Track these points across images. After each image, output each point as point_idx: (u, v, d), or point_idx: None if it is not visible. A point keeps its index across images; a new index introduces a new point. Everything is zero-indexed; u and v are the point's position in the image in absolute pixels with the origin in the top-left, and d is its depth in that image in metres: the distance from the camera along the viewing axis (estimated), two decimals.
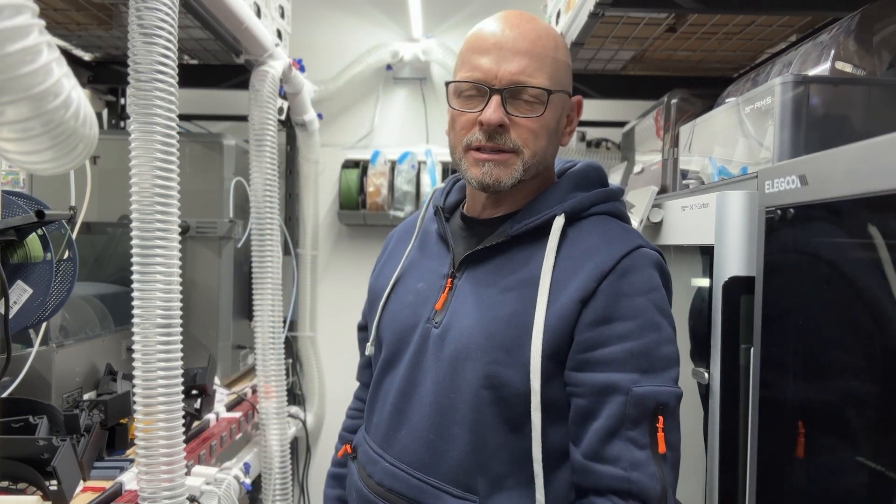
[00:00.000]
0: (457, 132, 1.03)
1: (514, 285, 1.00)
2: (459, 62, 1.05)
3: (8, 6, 0.57)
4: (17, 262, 1.43)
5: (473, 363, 0.97)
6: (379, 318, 1.13)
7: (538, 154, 1.01)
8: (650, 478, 0.88)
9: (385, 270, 1.18)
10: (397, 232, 1.25)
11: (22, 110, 0.60)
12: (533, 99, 0.99)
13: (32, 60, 0.59)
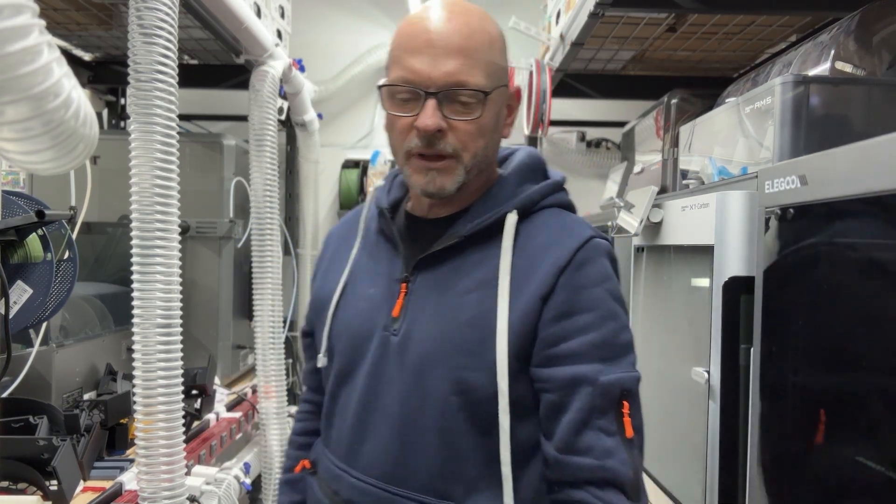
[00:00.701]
0: (395, 136, 0.99)
1: (473, 287, 0.98)
2: (390, 60, 0.99)
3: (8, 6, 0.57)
4: (18, 262, 1.43)
5: (440, 370, 0.96)
6: (329, 327, 1.07)
7: (479, 155, 0.98)
8: (622, 464, 0.89)
9: (330, 275, 1.11)
10: (336, 232, 1.18)
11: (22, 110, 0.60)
12: (470, 100, 0.95)
13: (33, 60, 0.59)
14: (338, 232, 1.18)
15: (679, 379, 1.26)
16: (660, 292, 1.41)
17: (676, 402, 1.30)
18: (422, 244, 1.02)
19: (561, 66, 2.37)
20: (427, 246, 1.01)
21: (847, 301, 0.86)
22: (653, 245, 1.41)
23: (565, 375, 0.92)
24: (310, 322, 1.18)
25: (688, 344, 1.24)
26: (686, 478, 1.23)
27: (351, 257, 1.09)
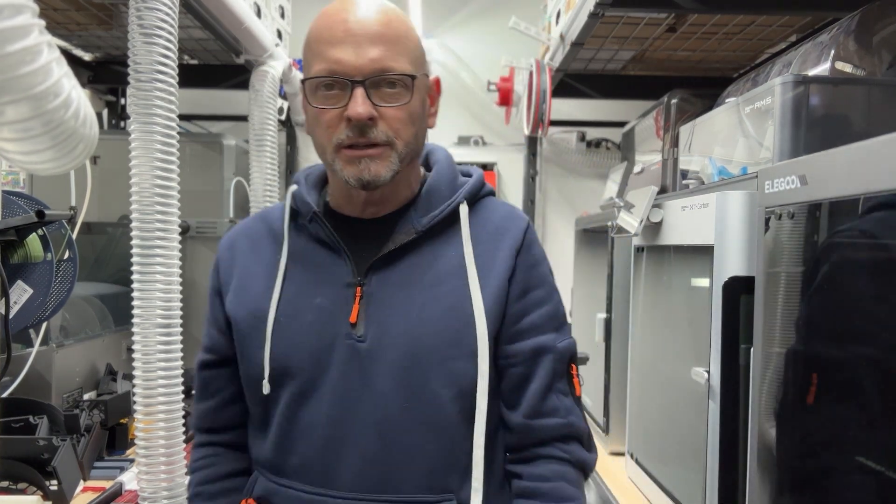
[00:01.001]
0: (323, 131, 0.96)
1: (441, 278, 1.00)
2: (310, 55, 0.97)
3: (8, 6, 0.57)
4: (18, 262, 1.43)
5: (430, 365, 0.96)
6: (270, 349, 0.99)
7: (411, 143, 0.98)
8: (579, 419, 1.01)
9: (250, 291, 1.02)
10: (238, 242, 1.08)
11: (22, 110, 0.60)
12: (397, 86, 0.95)
13: (32, 60, 0.59)
14: (240, 241, 1.07)
15: (679, 379, 1.26)
16: (660, 292, 1.41)
17: (676, 402, 1.30)
18: (368, 245, 1.00)
19: (561, 66, 2.37)
20: (376, 246, 1.00)
21: (847, 300, 0.86)
22: (653, 245, 1.41)
23: (529, 347, 1.01)
24: (217, 348, 1.07)
25: (688, 344, 1.24)
26: (686, 478, 1.23)
27: (281, 268, 1.02)
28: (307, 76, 0.97)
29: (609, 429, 1.72)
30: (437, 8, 3.05)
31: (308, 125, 1.01)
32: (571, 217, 2.69)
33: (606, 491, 1.48)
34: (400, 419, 0.96)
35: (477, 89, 3.04)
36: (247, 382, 1.03)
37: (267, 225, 1.06)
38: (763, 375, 1.00)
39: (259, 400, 1.01)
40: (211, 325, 1.07)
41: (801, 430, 0.93)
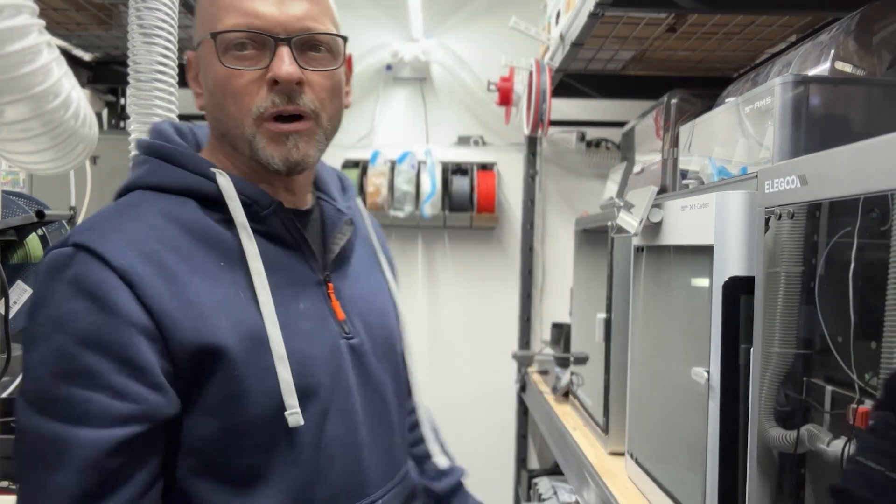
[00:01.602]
0: (236, 99, 0.82)
1: (369, 270, 1.05)
2: (211, 8, 0.83)
3: (8, 6, 0.57)
4: (17, 262, 1.43)
5: (394, 353, 1.05)
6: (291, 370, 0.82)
7: (334, 119, 0.88)
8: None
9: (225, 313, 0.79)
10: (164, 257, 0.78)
11: (22, 110, 0.60)
12: (323, 50, 0.84)
13: (32, 60, 0.59)
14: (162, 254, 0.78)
15: (679, 379, 1.26)
16: (660, 292, 1.41)
17: (676, 402, 1.30)
18: (316, 238, 0.93)
19: (561, 66, 2.37)
20: (319, 238, 0.94)
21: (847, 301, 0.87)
22: (652, 245, 1.41)
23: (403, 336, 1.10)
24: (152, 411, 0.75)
25: (688, 344, 1.24)
26: (686, 478, 1.23)
27: (259, 274, 0.82)
28: (214, 31, 0.81)
29: (609, 429, 1.72)
30: (437, 8, 3.05)
31: (209, 93, 0.85)
32: (571, 217, 2.69)
33: (606, 491, 1.48)
34: (395, 405, 1.01)
35: (477, 89, 3.04)
36: (243, 432, 0.80)
37: (185, 227, 0.81)
38: (763, 375, 1.00)
39: (257, 446, 0.80)
40: (128, 379, 0.73)
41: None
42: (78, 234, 0.77)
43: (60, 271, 0.75)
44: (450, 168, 2.99)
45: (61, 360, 0.73)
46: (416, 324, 3.16)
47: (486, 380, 3.14)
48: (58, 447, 0.71)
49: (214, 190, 0.83)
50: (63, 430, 0.72)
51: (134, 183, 0.85)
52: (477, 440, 3.15)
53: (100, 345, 0.73)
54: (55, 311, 0.74)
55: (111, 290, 0.74)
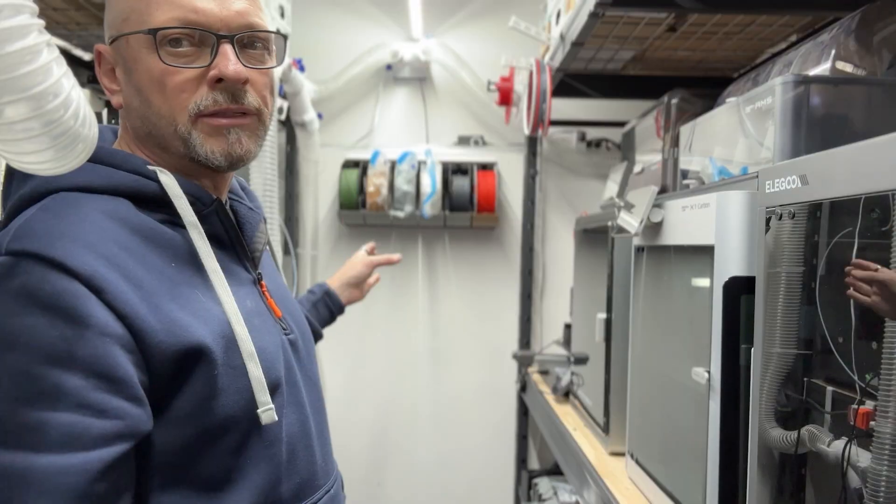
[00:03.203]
0: (170, 95, 0.78)
1: (273, 268, 1.06)
2: (144, 3, 0.78)
3: (7, 6, 0.57)
4: None
5: (313, 348, 1.04)
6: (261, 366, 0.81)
7: (271, 117, 0.87)
8: None
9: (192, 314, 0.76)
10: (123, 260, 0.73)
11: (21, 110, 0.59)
12: (262, 47, 0.83)
13: (32, 60, 0.59)
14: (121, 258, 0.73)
15: (679, 379, 1.26)
16: (660, 292, 1.41)
17: (676, 402, 1.30)
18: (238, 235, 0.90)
19: (561, 66, 2.37)
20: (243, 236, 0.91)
21: (846, 301, 0.86)
22: (653, 245, 1.41)
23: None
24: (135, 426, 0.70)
25: (688, 344, 1.24)
26: (686, 478, 1.23)
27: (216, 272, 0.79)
28: (149, 26, 0.77)
29: (609, 429, 1.72)
30: (437, 8, 3.05)
31: (135, 90, 0.80)
32: (571, 217, 2.69)
33: (606, 491, 1.48)
34: (323, 401, 1.01)
35: (477, 89, 3.04)
36: (216, 434, 0.77)
37: (131, 227, 0.76)
38: (763, 375, 1.00)
39: (228, 448, 0.78)
40: (109, 395, 0.67)
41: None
42: (17, 241, 0.68)
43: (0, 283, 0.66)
44: (450, 168, 2.99)
45: (23, 382, 0.63)
46: (416, 324, 3.16)
47: (486, 380, 3.14)
48: (34, 479, 0.62)
49: (155, 189, 0.79)
50: (40, 461, 0.63)
51: (52, 184, 0.75)
52: (477, 440, 3.14)
53: (71, 360, 0.65)
54: (3, 327, 0.64)
55: (76, 298, 0.67)
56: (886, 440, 0.74)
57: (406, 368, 3.14)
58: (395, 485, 3.13)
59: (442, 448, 3.14)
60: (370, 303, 3.14)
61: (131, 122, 0.83)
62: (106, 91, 0.83)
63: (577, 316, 2.27)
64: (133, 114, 0.82)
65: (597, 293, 1.85)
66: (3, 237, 0.69)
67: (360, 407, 3.07)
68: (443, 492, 3.14)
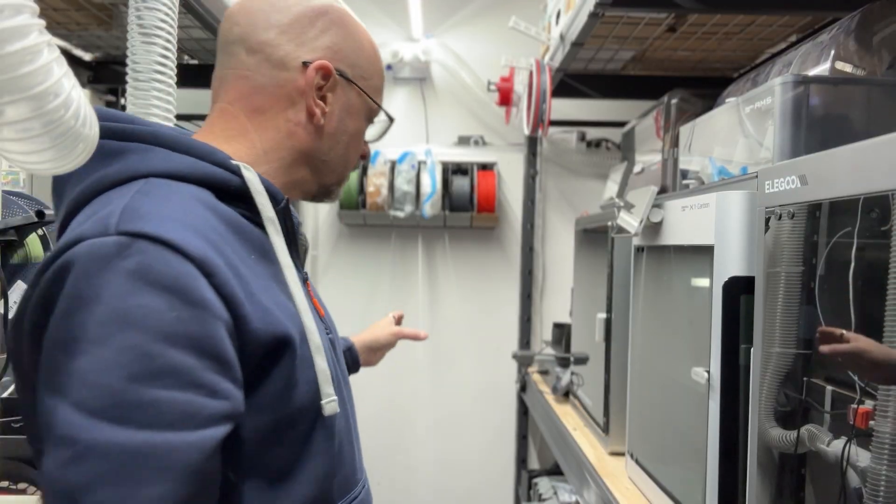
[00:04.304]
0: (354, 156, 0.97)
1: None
2: (376, 73, 0.96)
3: (8, 6, 0.57)
4: (17, 262, 1.43)
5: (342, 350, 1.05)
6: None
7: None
8: None
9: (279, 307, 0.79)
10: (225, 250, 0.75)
11: (22, 110, 0.60)
12: None
13: (32, 60, 0.59)
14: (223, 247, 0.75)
15: (679, 379, 1.26)
16: (660, 292, 1.41)
17: (676, 402, 1.30)
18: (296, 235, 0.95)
19: (561, 66, 2.37)
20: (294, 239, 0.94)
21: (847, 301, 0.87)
22: (653, 245, 1.41)
23: None
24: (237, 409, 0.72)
25: (688, 344, 1.24)
26: (686, 478, 1.23)
27: (289, 267, 0.83)
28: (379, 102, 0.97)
29: (609, 429, 1.72)
30: (437, 8, 3.05)
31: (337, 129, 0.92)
32: (571, 217, 2.69)
33: (606, 491, 1.48)
34: (353, 400, 1.02)
35: (477, 89, 3.04)
36: (288, 423, 0.79)
37: (219, 216, 0.78)
38: (763, 375, 1.00)
39: (296, 438, 0.81)
40: (219, 376, 0.70)
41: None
42: (127, 222, 0.68)
43: (111, 263, 0.66)
44: (450, 168, 2.99)
45: (140, 361, 0.65)
46: (416, 324, 3.16)
47: (486, 380, 3.14)
48: (151, 456, 0.64)
49: (238, 183, 0.81)
50: (156, 438, 0.64)
51: (141, 168, 0.76)
52: (477, 440, 3.15)
53: (187, 341, 0.67)
54: (119, 307, 0.65)
55: (193, 280, 0.68)
56: (886, 440, 0.74)
57: (406, 368, 3.15)
58: (395, 484, 3.14)
59: (442, 448, 3.14)
60: (370, 303, 3.15)
61: (305, 139, 0.89)
62: (312, 104, 0.88)
63: (577, 316, 2.27)
64: (314, 136, 0.90)
65: (597, 293, 1.85)
66: (108, 218, 0.69)
67: (360, 406, 3.06)
68: (443, 492, 3.15)
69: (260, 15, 0.88)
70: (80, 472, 0.63)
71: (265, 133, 0.88)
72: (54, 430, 0.64)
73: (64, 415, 0.64)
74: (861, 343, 0.82)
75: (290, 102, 0.88)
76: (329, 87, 0.89)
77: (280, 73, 0.87)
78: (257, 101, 0.87)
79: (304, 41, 0.88)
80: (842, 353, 0.86)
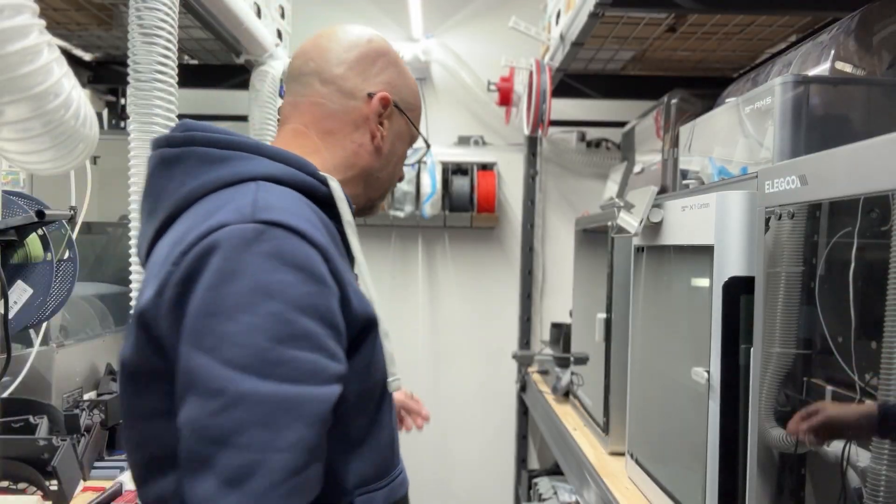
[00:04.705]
0: (398, 175, 1.11)
1: None
2: (418, 115, 1.12)
3: (8, 6, 0.57)
4: (18, 262, 1.43)
5: None
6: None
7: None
8: None
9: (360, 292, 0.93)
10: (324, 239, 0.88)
11: (22, 110, 0.60)
12: None
13: (32, 60, 0.59)
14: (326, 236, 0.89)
15: (679, 379, 1.26)
16: (660, 292, 1.41)
17: (676, 402, 1.30)
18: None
19: (561, 66, 2.37)
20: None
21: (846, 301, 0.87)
22: (653, 245, 1.41)
23: None
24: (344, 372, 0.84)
25: (688, 344, 1.24)
26: (686, 478, 1.23)
27: (363, 265, 0.98)
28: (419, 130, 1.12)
29: (609, 429, 1.72)
30: (437, 8, 3.05)
31: (390, 151, 1.07)
32: (571, 217, 2.69)
33: (606, 491, 1.48)
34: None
35: (477, 89, 3.04)
36: (368, 394, 0.91)
37: (318, 216, 0.91)
38: (763, 375, 1.00)
39: (369, 410, 0.92)
40: (336, 343, 0.83)
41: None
42: (262, 212, 0.82)
43: (252, 245, 0.79)
44: (450, 168, 2.99)
45: (280, 325, 0.77)
46: (416, 324, 3.16)
47: (486, 380, 3.14)
48: (290, 405, 0.76)
49: (324, 191, 0.95)
50: (293, 390, 0.76)
51: (252, 172, 0.89)
52: (477, 440, 3.15)
53: (315, 311, 0.80)
54: (260, 281, 0.78)
55: (318, 263, 0.82)
56: (886, 440, 0.74)
57: (406, 368, 3.13)
58: None
59: (442, 448, 3.14)
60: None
61: (366, 157, 1.04)
62: (374, 128, 1.03)
63: (577, 316, 2.27)
64: (372, 155, 1.04)
65: (597, 293, 1.85)
66: (244, 209, 0.82)
67: None
68: (443, 491, 3.15)
69: (332, 53, 1.03)
70: (231, 418, 0.74)
71: (335, 151, 1.02)
72: (205, 384, 0.75)
73: (215, 370, 0.75)
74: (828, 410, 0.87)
75: (356, 126, 1.02)
76: (387, 115, 1.04)
77: (349, 102, 1.02)
78: (328, 124, 1.01)
79: (368, 76, 1.04)
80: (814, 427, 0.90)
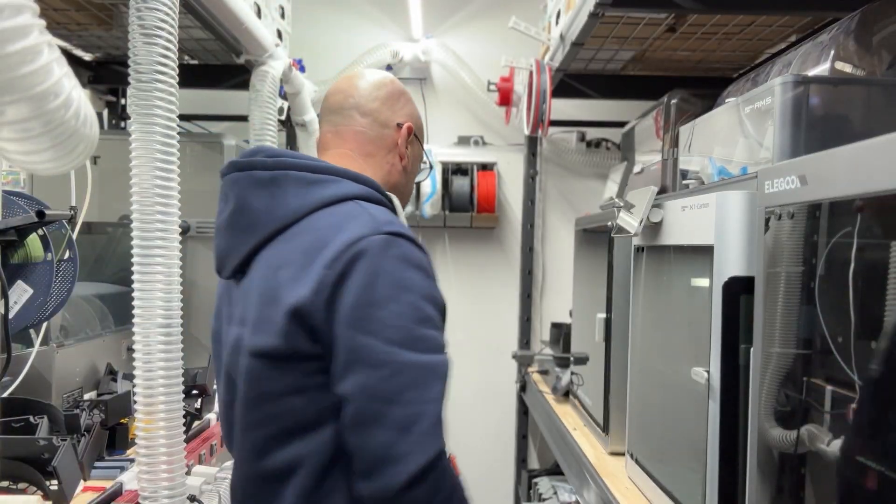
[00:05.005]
0: (413, 181, 1.31)
1: None
2: (420, 128, 1.29)
3: (8, 6, 0.57)
4: (18, 262, 1.43)
5: None
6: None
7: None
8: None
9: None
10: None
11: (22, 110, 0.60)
12: None
13: (33, 60, 0.59)
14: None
15: (679, 379, 1.26)
16: (660, 292, 1.41)
17: (676, 402, 1.30)
18: None
19: (561, 66, 2.37)
20: None
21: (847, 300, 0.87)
22: (653, 245, 1.42)
23: None
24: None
25: (688, 344, 1.24)
26: (686, 478, 1.23)
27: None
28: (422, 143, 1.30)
29: (609, 429, 1.73)
30: (437, 8, 3.05)
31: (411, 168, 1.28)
32: (571, 217, 2.69)
33: (606, 491, 1.48)
34: None
35: (477, 89, 3.04)
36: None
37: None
38: (763, 375, 1.00)
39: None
40: (443, 323, 1.12)
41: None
42: (386, 225, 1.06)
43: (386, 251, 1.04)
44: (450, 168, 2.99)
45: (416, 311, 1.04)
46: None
47: (486, 380, 3.14)
48: (430, 369, 1.04)
49: (389, 205, 1.18)
50: (431, 358, 1.04)
51: (348, 193, 1.12)
52: (477, 440, 3.15)
53: (433, 300, 1.08)
54: (398, 278, 1.03)
55: (427, 263, 1.09)
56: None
57: None
58: None
59: None
60: None
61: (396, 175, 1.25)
62: (403, 151, 1.25)
63: (577, 316, 2.27)
64: (401, 173, 1.26)
65: (597, 293, 1.85)
66: (370, 223, 1.05)
67: None
68: None
69: (367, 91, 1.25)
70: (396, 381, 1.01)
71: (376, 171, 1.22)
72: (373, 357, 1.00)
73: (379, 346, 1.00)
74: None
75: (388, 150, 1.24)
76: (410, 141, 1.26)
77: (383, 130, 1.24)
78: (369, 148, 1.23)
79: (396, 110, 1.26)
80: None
